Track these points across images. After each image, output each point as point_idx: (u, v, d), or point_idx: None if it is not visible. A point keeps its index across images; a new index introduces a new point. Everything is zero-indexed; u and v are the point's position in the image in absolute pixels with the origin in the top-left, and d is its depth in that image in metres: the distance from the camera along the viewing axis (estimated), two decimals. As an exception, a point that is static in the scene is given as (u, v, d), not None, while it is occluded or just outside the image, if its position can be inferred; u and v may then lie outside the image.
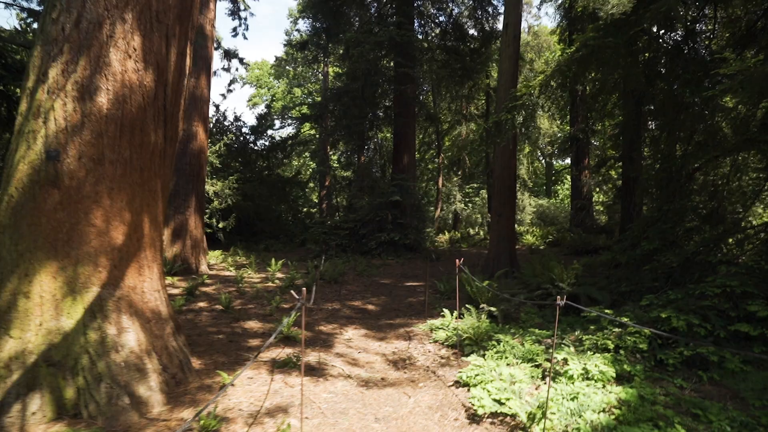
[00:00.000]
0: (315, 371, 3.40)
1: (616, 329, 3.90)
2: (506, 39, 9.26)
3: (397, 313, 5.81)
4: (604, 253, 12.56)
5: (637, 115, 8.65)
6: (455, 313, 4.92)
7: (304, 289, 2.04)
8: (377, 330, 4.83)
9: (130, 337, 2.63)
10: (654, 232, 6.26)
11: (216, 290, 7.36)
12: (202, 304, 6.19)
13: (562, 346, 3.75)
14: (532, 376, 3.23)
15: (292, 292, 2.09)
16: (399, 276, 9.25)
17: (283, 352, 3.81)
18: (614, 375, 3.10)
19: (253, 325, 4.85)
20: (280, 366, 3.42)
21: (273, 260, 9.76)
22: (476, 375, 3.13)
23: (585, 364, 3.13)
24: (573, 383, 2.98)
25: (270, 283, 8.17)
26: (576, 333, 4.04)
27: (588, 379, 3.06)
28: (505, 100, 8.13)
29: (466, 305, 4.92)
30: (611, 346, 3.60)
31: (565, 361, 3.28)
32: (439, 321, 4.86)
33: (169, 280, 8.01)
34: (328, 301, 6.61)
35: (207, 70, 9.57)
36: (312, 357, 3.72)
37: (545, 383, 3.15)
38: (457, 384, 3.20)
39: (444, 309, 5.08)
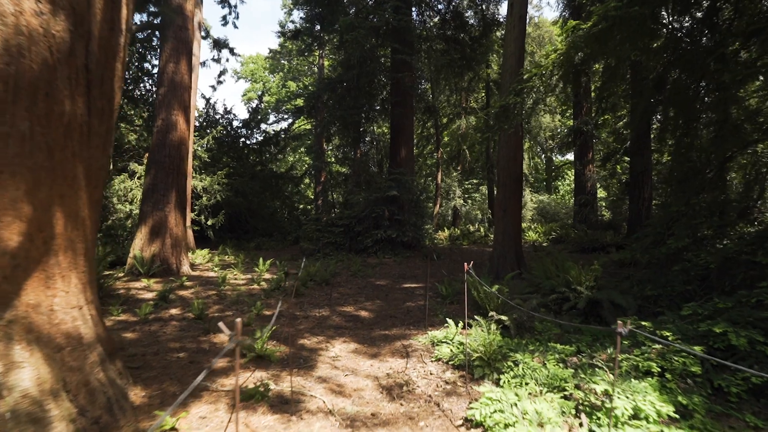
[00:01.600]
0: (287, 405, 2.70)
1: (657, 346, 3.22)
2: (511, 20, 8.55)
3: (394, 321, 5.12)
4: (613, 250, 11.93)
5: (652, 105, 7.94)
6: (460, 324, 4.23)
7: (239, 320, 1.35)
8: (370, 343, 4.14)
9: (25, 374, 1.93)
10: (681, 228, 5.58)
11: (194, 294, 6.66)
12: (173, 311, 5.49)
13: (595, 368, 3.07)
14: (563, 412, 2.55)
15: (220, 325, 1.40)
16: (396, 277, 8.56)
17: (252, 378, 3.12)
18: (671, 413, 2.41)
19: (224, 338, 4.15)
20: (245, 398, 2.72)
21: (261, 260, 9.07)
22: (492, 413, 2.44)
23: (634, 399, 2.44)
24: (620, 426, 2.30)
25: (255, 285, 7.48)
26: (608, 351, 3.35)
27: (637, 418, 2.38)
28: (511, 84, 7.44)
29: (475, 316, 4.23)
30: (655, 369, 2.92)
31: (607, 393, 2.59)
32: (442, 332, 4.17)
33: (144, 282, 7.32)
34: (317, 307, 5.92)
35: (188, 53, 8.82)
36: (286, 384, 3.02)
37: (580, 422, 2.47)
38: (468, 423, 2.51)
39: (447, 319, 4.39)
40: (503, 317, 4.33)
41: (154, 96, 12.97)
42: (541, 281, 6.11)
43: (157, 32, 12.95)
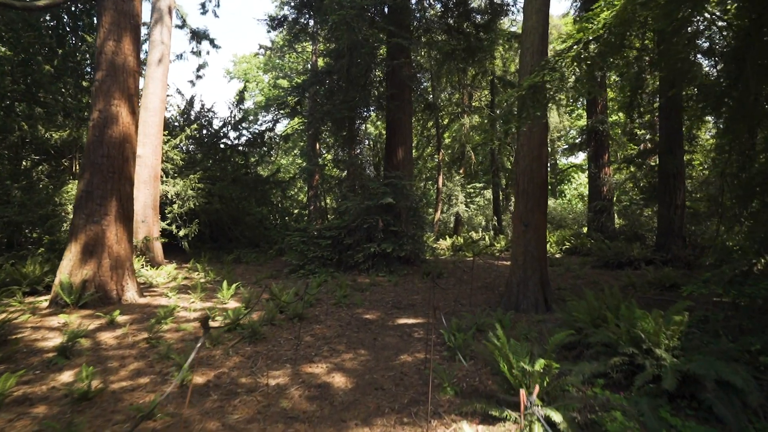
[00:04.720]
0: None
1: None
2: (532, -12, 6.91)
3: (380, 400, 3.42)
4: (643, 266, 10.15)
5: (733, 83, 6.23)
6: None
7: None
8: (334, 466, 2.44)
9: None
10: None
11: (118, 339, 4.97)
12: (61, 379, 3.80)
13: None
14: None
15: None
16: (389, 306, 6.86)
17: None
18: None
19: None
20: None
21: (224, 284, 7.37)
22: None
23: None
24: None
25: (209, 321, 5.78)
26: None
27: None
28: (532, 65, 5.79)
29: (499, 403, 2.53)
30: None
31: None
32: (455, 445, 2.48)
33: (64, 318, 5.66)
34: (275, 363, 4.23)
35: (133, 30, 7.17)
36: None
37: None
38: None
39: (464, 425, 2.69)
40: (554, 415, 2.64)
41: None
42: (586, 327, 4.42)
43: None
